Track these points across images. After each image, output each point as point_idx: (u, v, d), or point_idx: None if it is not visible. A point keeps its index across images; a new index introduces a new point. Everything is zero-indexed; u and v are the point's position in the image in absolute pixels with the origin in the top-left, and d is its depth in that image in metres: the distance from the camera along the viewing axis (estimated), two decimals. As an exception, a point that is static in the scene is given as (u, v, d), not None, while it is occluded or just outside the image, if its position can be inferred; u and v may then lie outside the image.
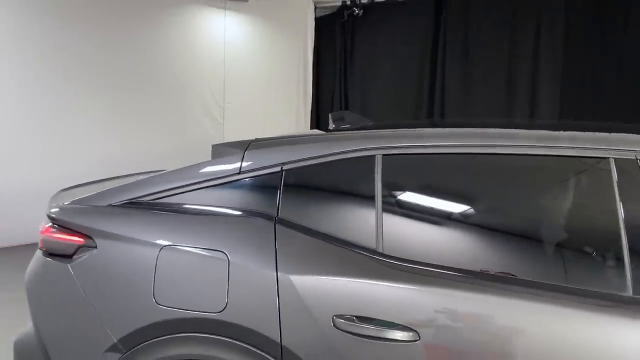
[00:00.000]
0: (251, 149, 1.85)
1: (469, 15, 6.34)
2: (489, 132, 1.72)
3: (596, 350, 1.37)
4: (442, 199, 1.74)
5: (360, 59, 7.49)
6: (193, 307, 1.64)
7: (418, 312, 1.49)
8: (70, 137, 5.68)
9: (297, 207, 1.74)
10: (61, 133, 5.62)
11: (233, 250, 1.65)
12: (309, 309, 1.54)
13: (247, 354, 1.59)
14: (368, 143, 1.73)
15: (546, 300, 1.44)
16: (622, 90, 4.99)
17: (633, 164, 1.51)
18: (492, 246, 1.65)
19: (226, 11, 6.86)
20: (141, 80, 6.19)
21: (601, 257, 1.53)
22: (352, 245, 1.63)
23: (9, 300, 4.01)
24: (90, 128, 5.81)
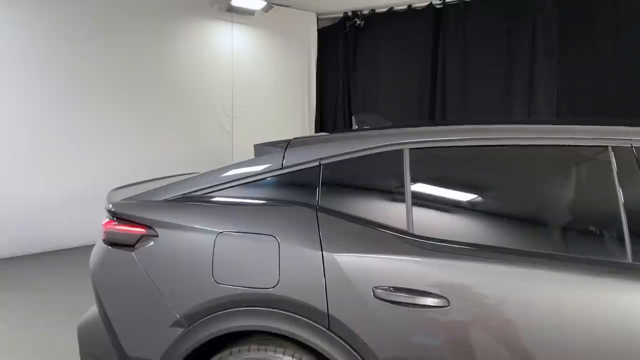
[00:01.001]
0: (291, 147, 2.09)
1: (467, 23, 6.62)
2: (501, 127, 1.96)
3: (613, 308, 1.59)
4: (463, 185, 1.98)
5: (362, 68, 7.75)
6: (249, 284, 1.86)
7: (446, 281, 1.72)
8: (87, 148, 5.91)
9: (335, 197, 1.98)
10: (78, 144, 5.84)
11: (282, 234, 1.88)
12: (351, 282, 1.77)
13: (298, 323, 1.82)
14: (396, 139, 1.98)
15: (562, 269, 1.67)
16: (615, 89, 5.25)
17: (629, 151, 1.75)
18: (508, 225, 1.89)
19: (233, 24, 7.12)
20: (153, 93, 6.43)
21: (605, 232, 1.77)
22: (385, 227, 1.86)
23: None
24: (107, 140, 6.03)
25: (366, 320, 1.76)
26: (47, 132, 5.62)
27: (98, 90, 5.93)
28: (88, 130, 5.89)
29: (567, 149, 1.86)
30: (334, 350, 1.79)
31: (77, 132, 5.81)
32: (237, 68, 7.18)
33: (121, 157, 6.03)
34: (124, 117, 6.16)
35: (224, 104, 7.07)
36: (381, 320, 1.75)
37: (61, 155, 5.71)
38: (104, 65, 5.97)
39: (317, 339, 1.81)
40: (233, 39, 7.14)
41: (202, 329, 1.91)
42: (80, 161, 5.82)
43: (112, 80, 6.04)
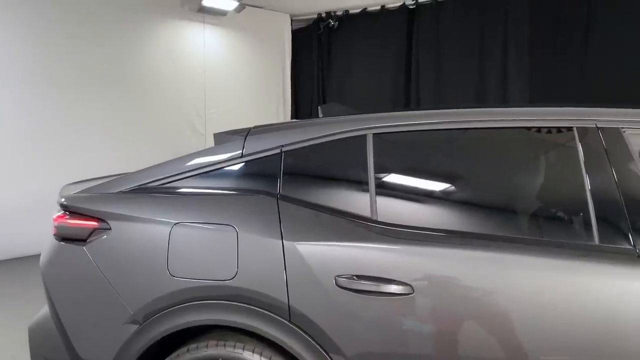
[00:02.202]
0: (252, 135, 2.01)
1: (440, 22, 6.64)
2: (465, 110, 1.91)
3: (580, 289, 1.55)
4: (428, 171, 1.93)
5: (337, 69, 7.72)
6: (205, 276, 1.78)
7: (410, 268, 1.66)
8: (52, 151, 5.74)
9: (297, 184, 1.90)
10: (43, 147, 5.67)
11: (241, 224, 1.80)
12: (313, 271, 1.70)
13: (258, 315, 1.74)
14: (359, 124, 1.92)
15: (526, 252, 1.62)
16: (584, 87, 5.31)
17: (594, 130, 1.72)
18: (474, 209, 1.84)
19: (205, 25, 7.03)
20: (122, 94, 6.29)
21: (572, 213, 1.73)
22: (349, 214, 1.80)
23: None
24: (74, 141, 5.87)
25: (328, 310, 1.69)
26: (8, 133, 5.44)
27: (66, 91, 5.78)
28: (54, 132, 5.73)
29: (533, 130, 1.82)
30: (296, 343, 1.71)
31: (42, 135, 5.64)
32: (210, 69, 7.08)
33: (89, 159, 5.87)
34: (92, 119, 6.01)
35: (196, 104, 6.97)
36: (344, 310, 1.68)
37: (23, 158, 5.53)
38: (71, 66, 5.82)
39: (277, 332, 1.73)
40: (205, 39, 7.05)
41: (157, 325, 1.81)
42: (43, 163, 5.64)
43: (81, 81, 5.90)
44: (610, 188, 1.64)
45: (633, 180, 1.64)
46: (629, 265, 1.55)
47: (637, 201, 1.62)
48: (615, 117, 1.72)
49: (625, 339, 1.51)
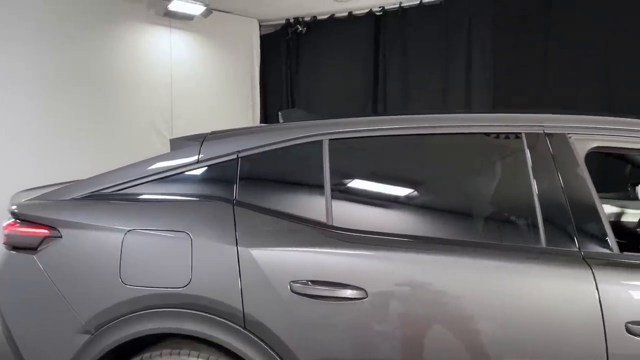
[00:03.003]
0: (208, 140, 2.00)
1: (406, 29, 6.71)
2: (419, 116, 1.94)
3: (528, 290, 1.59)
4: (383, 176, 1.95)
5: (306, 74, 7.73)
6: (158, 284, 1.75)
7: (364, 272, 1.67)
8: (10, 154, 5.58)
9: (253, 190, 1.90)
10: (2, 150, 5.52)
11: (195, 230, 1.78)
12: (267, 277, 1.70)
13: (212, 323, 1.72)
14: (316, 130, 1.92)
15: (478, 255, 1.65)
16: (545, 93, 5.44)
17: (541, 136, 1.77)
18: (428, 214, 1.87)
19: (171, 29, 6.95)
20: (85, 98, 6.15)
21: (521, 217, 1.77)
22: (304, 220, 1.80)
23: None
24: (33, 145, 5.72)
25: (283, 316, 1.69)
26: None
27: (28, 96, 5.63)
28: (13, 138, 5.57)
29: (484, 136, 1.86)
30: (251, 350, 1.71)
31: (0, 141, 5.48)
32: (177, 73, 7.00)
33: (50, 165, 5.72)
34: (54, 125, 5.86)
35: (162, 110, 6.87)
36: (299, 315, 1.68)
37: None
38: (32, 71, 5.68)
39: (232, 339, 1.72)
40: (172, 44, 6.97)
41: (109, 334, 1.78)
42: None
43: (42, 86, 5.75)
44: (557, 192, 1.68)
45: (578, 185, 1.68)
46: (575, 266, 1.59)
47: (582, 205, 1.66)
48: (561, 124, 1.77)
49: (573, 338, 1.55)
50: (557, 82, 5.43)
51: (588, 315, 1.53)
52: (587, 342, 1.53)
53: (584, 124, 1.78)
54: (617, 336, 1.51)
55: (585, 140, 1.74)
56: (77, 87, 6.04)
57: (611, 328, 1.51)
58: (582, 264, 1.58)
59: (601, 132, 1.77)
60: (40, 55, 5.70)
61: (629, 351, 1.50)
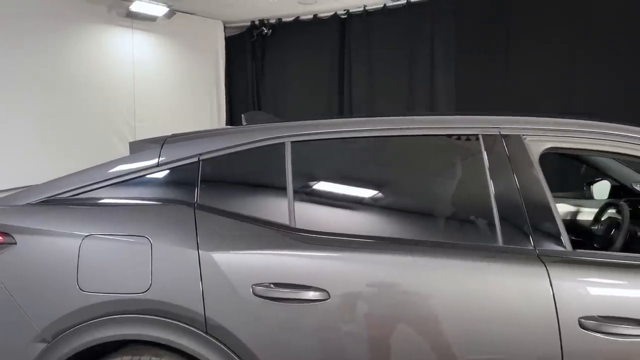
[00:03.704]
0: (168, 143, 1.98)
1: (370, 32, 6.78)
2: (379, 119, 1.97)
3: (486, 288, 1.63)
4: (345, 177, 1.96)
5: (272, 75, 7.72)
6: (117, 290, 1.72)
7: (326, 274, 1.68)
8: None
9: (215, 193, 1.88)
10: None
11: (155, 235, 1.76)
12: (229, 281, 1.68)
13: (173, 328, 1.70)
14: (278, 132, 1.92)
15: (438, 254, 1.68)
16: (506, 95, 5.58)
17: (497, 138, 1.81)
18: (389, 214, 1.89)
19: (134, 30, 6.84)
20: (46, 101, 6.00)
21: (479, 217, 1.81)
22: (267, 223, 1.79)
23: None
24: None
25: (246, 320, 1.68)
26: None
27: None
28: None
29: (443, 138, 1.89)
30: (213, 354, 1.69)
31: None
32: (140, 75, 6.88)
33: (6, 170, 5.54)
34: (14, 127, 5.68)
35: (124, 112, 6.75)
36: (261, 319, 1.67)
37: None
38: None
39: (194, 345, 1.70)
40: (134, 45, 6.85)
41: (67, 342, 1.73)
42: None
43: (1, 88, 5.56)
44: (513, 192, 1.73)
45: (533, 185, 1.73)
46: (530, 264, 1.63)
47: (536, 204, 1.71)
48: (516, 125, 1.82)
49: (529, 334, 1.59)
50: (517, 84, 5.58)
51: (543, 311, 1.57)
52: (543, 338, 1.57)
53: (538, 126, 1.83)
54: (570, 331, 1.55)
55: (540, 142, 1.79)
56: (36, 90, 5.88)
57: (565, 323, 1.56)
58: (537, 262, 1.63)
59: (555, 133, 1.82)
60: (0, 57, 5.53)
61: (582, 345, 1.55)
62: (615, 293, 1.65)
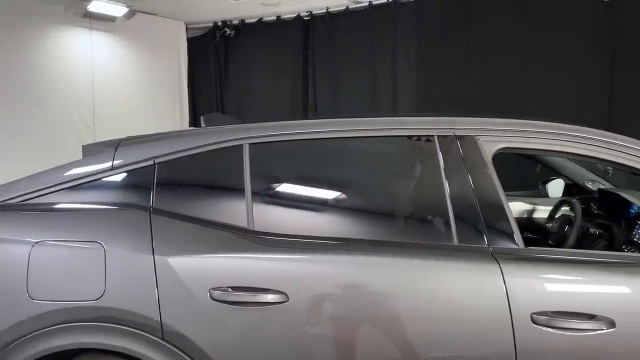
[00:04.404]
0: (123, 146, 1.93)
1: (334, 34, 6.81)
2: (336, 120, 1.97)
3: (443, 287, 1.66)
4: (303, 179, 1.96)
5: (235, 76, 7.67)
6: (69, 298, 1.67)
7: (285, 276, 1.68)
8: None
9: (171, 197, 1.85)
10: None
11: (109, 240, 1.72)
12: (186, 285, 1.66)
13: (128, 335, 1.66)
14: (235, 134, 1.91)
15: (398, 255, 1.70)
16: (467, 97, 5.69)
17: (452, 139, 1.84)
18: (348, 215, 1.90)
19: (92, 31, 6.68)
20: (0, 103, 5.81)
21: (435, 217, 1.83)
22: (225, 226, 1.78)
23: None
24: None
25: (203, 325, 1.66)
26: None
27: None
28: None
29: (400, 139, 1.91)
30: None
31: None
32: (99, 77, 6.73)
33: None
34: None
35: (84, 114, 6.58)
36: (219, 323, 1.65)
37: None
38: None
39: (150, 352, 1.67)
40: (92, 46, 6.69)
41: (16, 353, 1.68)
42: None
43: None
44: (467, 192, 1.76)
45: (486, 185, 1.77)
46: (484, 262, 1.67)
47: (490, 204, 1.75)
48: (470, 126, 1.86)
49: (484, 331, 1.62)
50: (477, 86, 5.70)
51: (497, 308, 1.60)
52: (497, 334, 1.60)
53: (491, 126, 1.87)
54: (523, 327, 1.59)
55: (493, 142, 1.83)
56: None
57: (518, 319, 1.59)
58: (490, 260, 1.66)
59: (507, 133, 1.86)
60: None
61: (534, 340, 1.59)
62: (567, 289, 1.70)
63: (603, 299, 1.64)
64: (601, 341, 1.58)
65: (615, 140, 1.83)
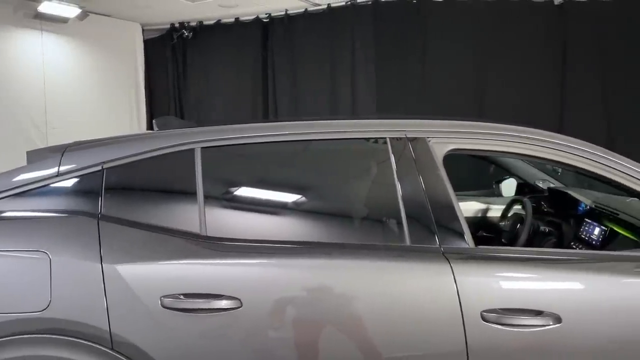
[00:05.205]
0: (69, 151, 1.88)
1: (293, 36, 6.81)
2: (291, 123, 1.97)
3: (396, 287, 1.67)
4: (258, 183, 1.95)
5: (194, 78, 7.57)
6: (12, 309, 1.61)
7: (238, 281, 1.66)
8: None
9: (121, 203, 1.81)
10: None
11: (54, 249, 1.66)
12: (136, 294, 1.62)
13: (76, 347, 1.61)
14: (187, 138, 1.87)
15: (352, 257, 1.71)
16: (425, 98, 5.79)
17: (404, 141, 1.86)
18: (302, 218, 1.90)
19: (43, 32, 6.48)
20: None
21: (388, 218, 1.85)
22: (176, 232, 1.74)
23: None
24: None
25: (155, 334, 1.62)
26: None
27: None
28: None
29: (352, 142, 1.92)
30: (120, 371, 1.61)
31: None
32: (51, 79, 6.52)
33: None
34: None
35: (34, 118, 6.37)
36: (171, 331, 1.62)
37: None
38: None
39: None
40: (44, 48, 6.49)
41: (-45, 369, 1.60)
42: None
43: None
44: (419, 193, 1.78)
45: (437, 186, 1.79)
46: (436, 262, 1.69)
47: (441, 204, 1.78)
48: (421, 128, 1.89)
49: (436, 330, 1.64)
50: (435, 87, 5.80)
51: (448, 307, 1.63)
52: (449, 333, 1.63)
53: (441, 128, 1.90)
54: (473, 325, 1.62)
55: (443, 143, 1.86)
56: None
57: (468, 317, 1.62)
58: (442, 259, 1.69)
59: (457, 135, 1.90)
60: None
61: (484, 338, 1.62)
62: (515, 286, 1.74)
63: (550, 295, 1.69)
64: (548, 336, 1.63)
65: (560, 140, 1.89)
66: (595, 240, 2.36)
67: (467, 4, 5.63)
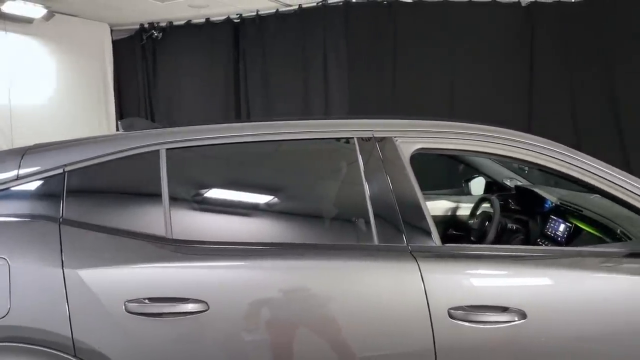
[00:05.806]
0: (29, 154, 1.82)
1: (264, 37, 6.78)
2: (257, 124, 1.95)
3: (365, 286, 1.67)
4: (223, 184, 1.93)
5: (165, 80, 7.47)
6: (-30, 318, 1.56)
7: (204, 284, 1.64)
8: None
9: (83, 207, 1.76)
10: None
11: (13, 254, 1.61)
12: (99, 299, 1.58)
13: (37, 354, 1.57)
14: (151, 139, 1.84)
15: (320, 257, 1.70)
16: (396, 98, 5.83)
17: (371, 140, 1.86)
18: (270, 219, 1.88)
19: (7, 33, 6.31)
20: None
21: (357, 217, 1.85)
22: (141, 235, 1.71)
23: None
24: None
25: (119, 339, 1.59)
26: None
27: None
28: None
29: (320, 142, 1.92)
30: (84, 379, 1.58)
31: None
32: (16, 81, 6.36)
33: None
34: None
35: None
36: (136, 336, 1.59)
37: None
38: None
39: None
40: (8, 49, 6.32)
41: None
42: None
43: None
44: (386, 192, 1.78)
45: (404, 185, 1.80)
46: (403, 260, 1.70)
47: (408, 203, 1.78)
48: (389, 128, 1.89)
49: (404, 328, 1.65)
50: (405, 88, 5.85)
51: (416, 305, 1.64)
52: (417, 331, 1.64)
53: (408, 128, 1.91)
54: (441, 322, 1.63)
55: (410, 143, 1.87)
56: None
57: (436, 315, 1.63)
58: (409, 258, 1.69)
59: (424, 134, 1.91)
60: None
61: (451, 335, 1.64)
62: (481, 283, 1.76)
63: (515, 292, 1.71)
64: (514, 332, 1.65)
65: (526, 139, 1.92)
66: (560, 236, 2.40)
67: (437, 5, 5.69)
